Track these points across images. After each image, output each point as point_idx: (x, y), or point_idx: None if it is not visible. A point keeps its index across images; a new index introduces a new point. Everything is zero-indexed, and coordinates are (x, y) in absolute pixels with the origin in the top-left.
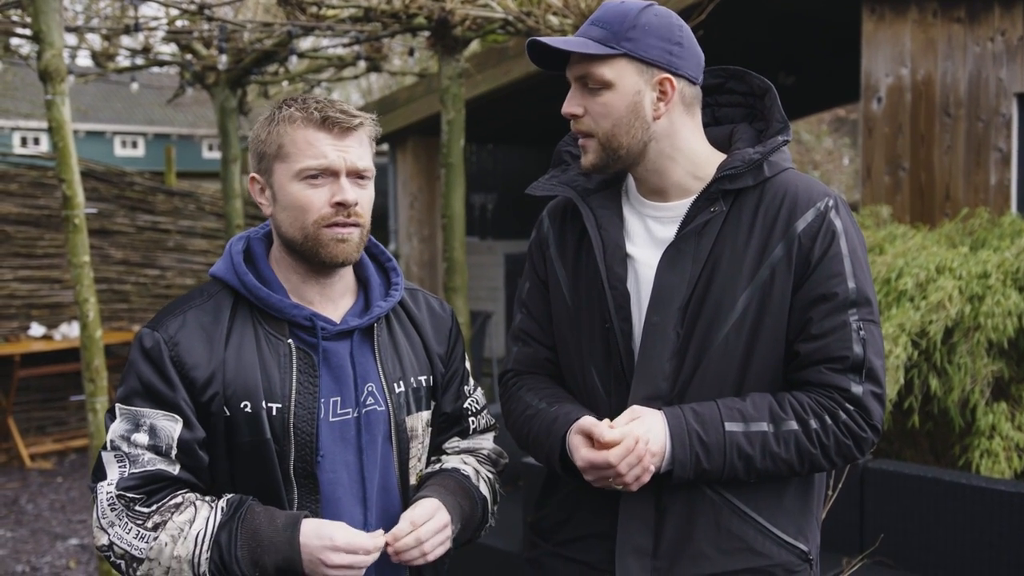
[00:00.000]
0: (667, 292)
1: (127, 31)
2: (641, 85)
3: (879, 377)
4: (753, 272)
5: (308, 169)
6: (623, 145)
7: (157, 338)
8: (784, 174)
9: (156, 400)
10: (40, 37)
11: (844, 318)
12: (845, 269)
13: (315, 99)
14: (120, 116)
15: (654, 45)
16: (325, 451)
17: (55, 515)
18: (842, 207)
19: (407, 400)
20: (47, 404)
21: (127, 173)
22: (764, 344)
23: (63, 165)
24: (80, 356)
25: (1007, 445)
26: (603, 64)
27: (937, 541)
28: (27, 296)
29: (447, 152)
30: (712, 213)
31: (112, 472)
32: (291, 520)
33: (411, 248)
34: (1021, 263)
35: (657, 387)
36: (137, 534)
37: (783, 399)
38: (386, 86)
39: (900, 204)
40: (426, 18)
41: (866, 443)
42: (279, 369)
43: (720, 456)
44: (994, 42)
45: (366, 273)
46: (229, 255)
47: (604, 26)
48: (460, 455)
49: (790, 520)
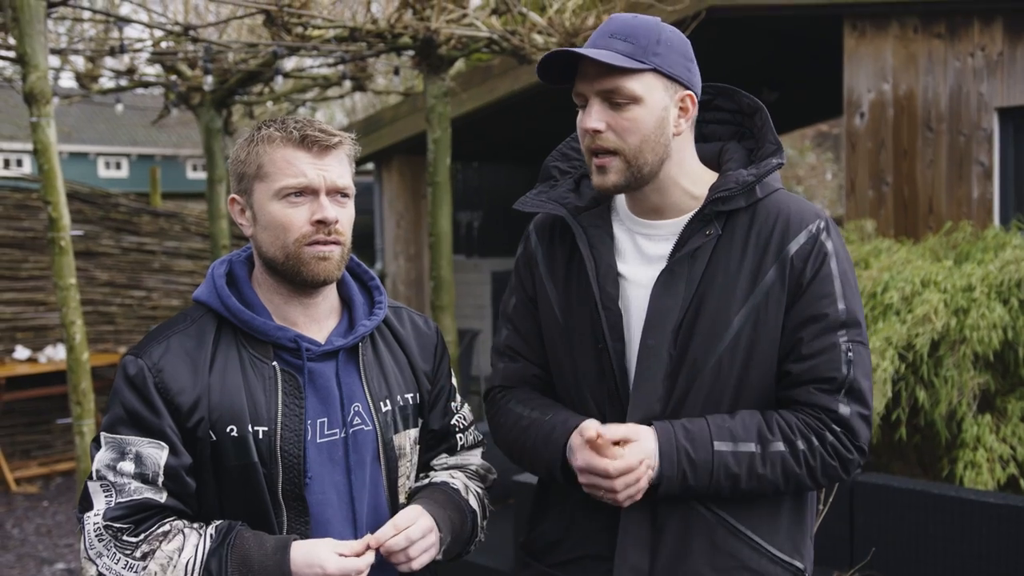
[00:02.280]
0: (661, 315)
1: (111, 53)
2: (667, 101)
3: (866, 398)
4: (747, 294)
5: (288, 188)
6: (648, 162)
7: (141, 365)
8: (775, 195)
9: (141, 427)
10: (25, 59)
11: (834, 339)
12: (835, 290)
13: (294, 119)
14: (103, 137)
15: (678, 61)
16: (313, 473)
17: (41, 539)
18: (832, 229)
19: (394, 419)
20: (32, 427)
21: (112, 194)
22: (758, 365)
23: (49, 187)
24: (66, 379)
25: (991, 457)
26: (633, 78)
27: (927, 554)
28: (12, 319)
29: (433, 171)
30: (707, 237)
31: (99, 502)
32: (281, 544)
33: (398, 267)
34: (1005, 276)
35: (651, 408)
36: (126, 564)
37: (772, 419)
38: (371, 105)
39: (884, 218)
40: (411, 37)
41: (852, 464)
42: (264, 392)
43: (707, 474)
44: (974, 57)
45: (349, 292)
46: (212, 279)
47: (631, 40)
48: (448, 471)
49: (785, 537)
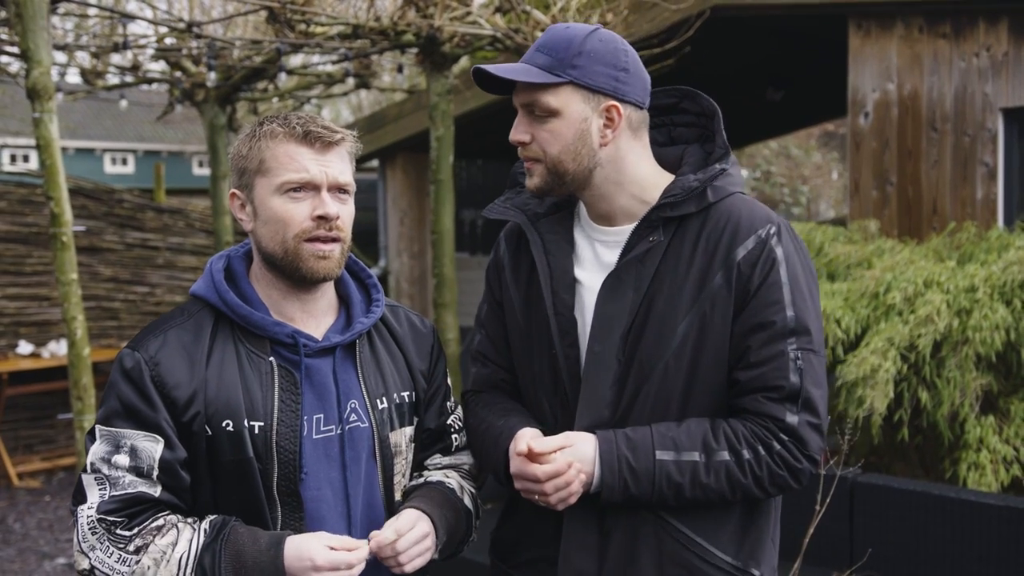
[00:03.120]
0: (607, 320)
1: (116, 49)
2: (588, 112)
3: (816, 407)
4: (693, 300)
5: (289, 183)
6: (569, 171)
7: (137, 358)
8: (729, 200)
9: (137, 421)
10: (28, 55)
11: (781, 347)
12: (784, 297)
13: (296, 115)
14: (110, 133)
15: (600, 72)
16: (309, 469)
17: (43, 534)
18: (785, 234)
19: (390, 416)
20: (35, 422)
21: (116, 190)
22: (705, 371)
23: (51, 182)
24: (68, 374)
25: (994, 458)
26: (548, 92)
27: (926, 555)
28: (15, 314)
29: (436, 168)
30: (651, 243)
31: (92, 495)
32: (274, 540)
33: (401, 264)
34: (1008, 277)
35: (599, 414)
36: (119, 558)
37: (719, 428)
38: (375, 103)
39: (888, 218)
40: (415, 35)
41: (802, 474)
42: (261, 387)
43: (649, 483)
44: (979, 57)
45: (347, 290)
46: (210, 273)
47: (549, 53)
48: (442, 470)
49: (737, 544)
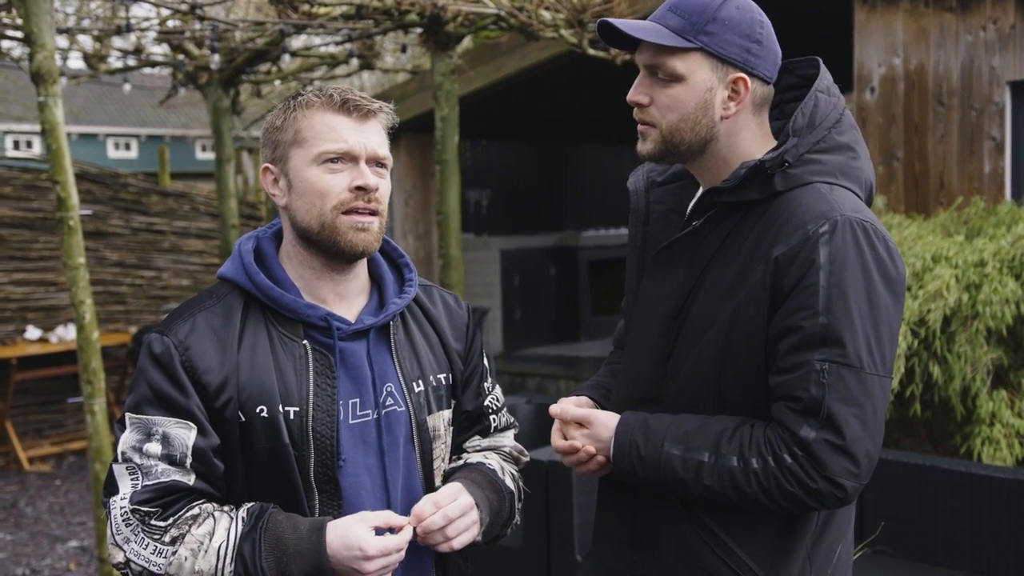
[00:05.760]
0: (646, 299)
1: (118, 32)
2: (714, 82)
3: (840, 427)
4: (733, 292)
5: (328, 153)
6: (685, 141)
7: (167, 343)
8: (802, 190)
9: (168, 407)
10: (31, 39)
11: (806, 357)
12: (818, 303)
13: (331, 86)
14: (113, 118)
15: (733, 42)
16: (346, 455)
17: (54, 517)
18: (842, 235)
19: (427, 399)
20: (44, 407)
21: (121, 175)
22: (736, 367)
23: (57, 167)
24: (77, 358)
25: (1008, 432)
26: (676, 57)
27: (936, 529)
28: (23, 299)
29: (441, 149)
30: (695, 227)
31: (125, 485)
32: (316, 526)
33: (406, 245)
34: (1017, 251)
35: (640, 390)
36: (155, 549)
37: (738, 431)
38: (379, 84)
39: (895, 194)
40: (418, 15)
41: (820, 495)
42: (295, 371)
43: (654, 472)
44: (986, 31)
45: (379, 270)
46: (239, 255)
47: (683, 15)
48: (482, 452)
49: (763, 550)
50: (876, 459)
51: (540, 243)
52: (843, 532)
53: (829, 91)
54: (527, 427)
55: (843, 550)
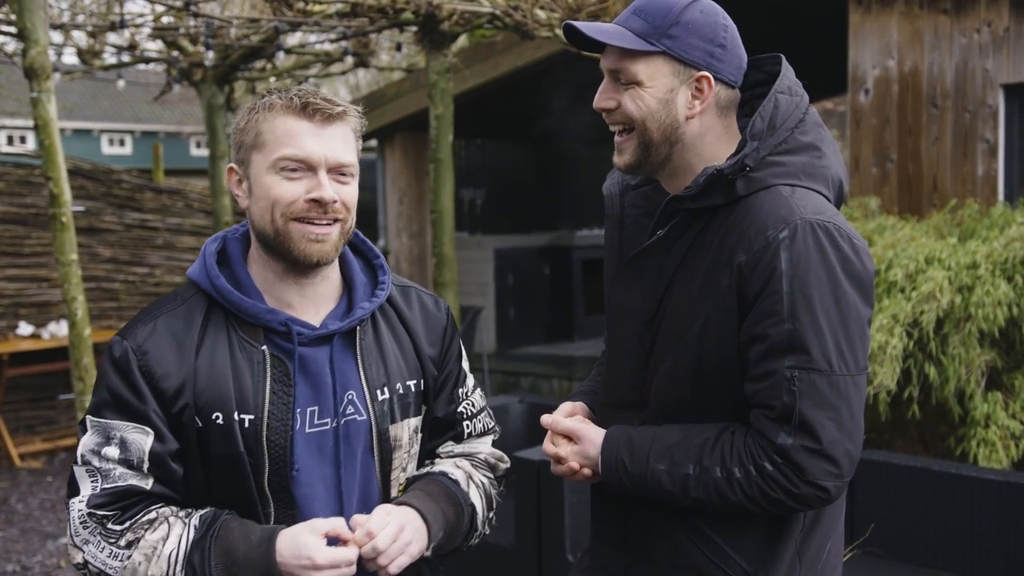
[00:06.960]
0: (625, 309)
1: (113, 28)
2: (676, 84)
3: (816, 432)
4: (702, 300)
5: (284, 159)
6: (654, 140)
7: (126, 347)
8: (765, 193)
9: (126, 412)
10: (25, 34)
11: (775, 365)
12: (783, 310)
13: (298, 88)
14: (107, 114)
15: (696, 45)
16: (300, 464)
17: (45, 514)
18: (802, 240)
19: (391, 408)
20: (36, 403)
21: (115, 171)
22: (711, 374)
23: (50, 163)
24: (69, 355)
25: (1003, 434)
26: (639, 60)
27: (927, 531)
28: (15, 295)
29: (436, 147)
30: (657, 237)
31: (84, 488)
32: (267, 535)
33: (400, 244)
34: (1010, 253)
35: (621, 395)
36: (111, 553)
37: (719, 441)
38: (374, 82)
39: (888, 195)
40: (413, 13)
41: (804, 499)
42: (252, 378)
43: (642, 486)
44: (980, 33)
45: (351, 272)
46: (203, 257)
47: (646, 18)
48: (453, 459)
49: (754, 548)
50: (858, 456)
51: (534, 242)
52: (833, 528)
53: (791, 91)
54: (519, 426)
55: (833, 546)
